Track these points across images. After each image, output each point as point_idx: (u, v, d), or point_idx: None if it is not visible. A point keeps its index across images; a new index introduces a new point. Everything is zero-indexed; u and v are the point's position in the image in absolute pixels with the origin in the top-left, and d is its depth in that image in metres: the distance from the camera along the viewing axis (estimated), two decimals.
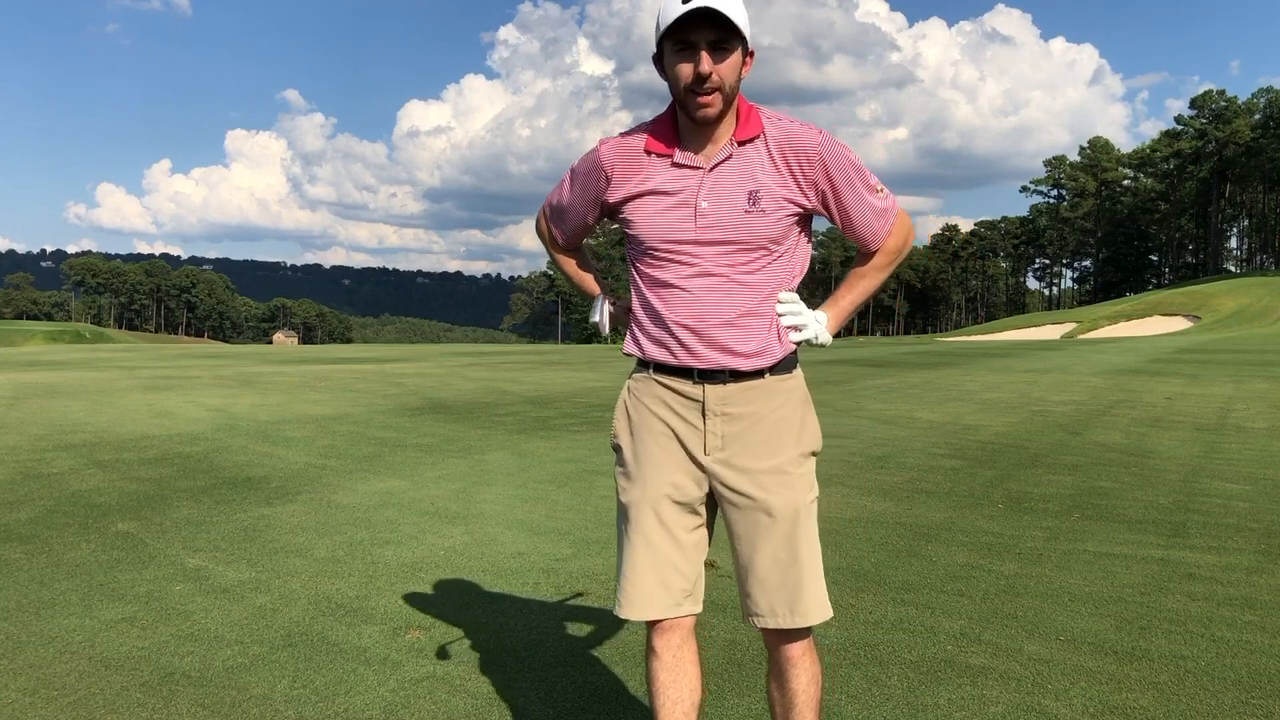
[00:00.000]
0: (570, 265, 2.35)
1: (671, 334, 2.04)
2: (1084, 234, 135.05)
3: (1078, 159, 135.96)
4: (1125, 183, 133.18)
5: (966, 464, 7.27)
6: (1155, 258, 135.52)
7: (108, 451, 7.59)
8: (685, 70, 1.91)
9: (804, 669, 2.10)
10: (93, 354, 32.35)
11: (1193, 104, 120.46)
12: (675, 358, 2.05)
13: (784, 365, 2.07)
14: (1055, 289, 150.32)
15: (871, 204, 2.10)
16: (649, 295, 2.08)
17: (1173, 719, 2.81)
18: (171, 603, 3.80)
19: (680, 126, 2.03)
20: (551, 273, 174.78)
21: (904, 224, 2.16)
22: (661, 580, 2.06)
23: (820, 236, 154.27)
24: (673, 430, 2.08)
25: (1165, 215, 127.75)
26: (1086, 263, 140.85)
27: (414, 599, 3.89)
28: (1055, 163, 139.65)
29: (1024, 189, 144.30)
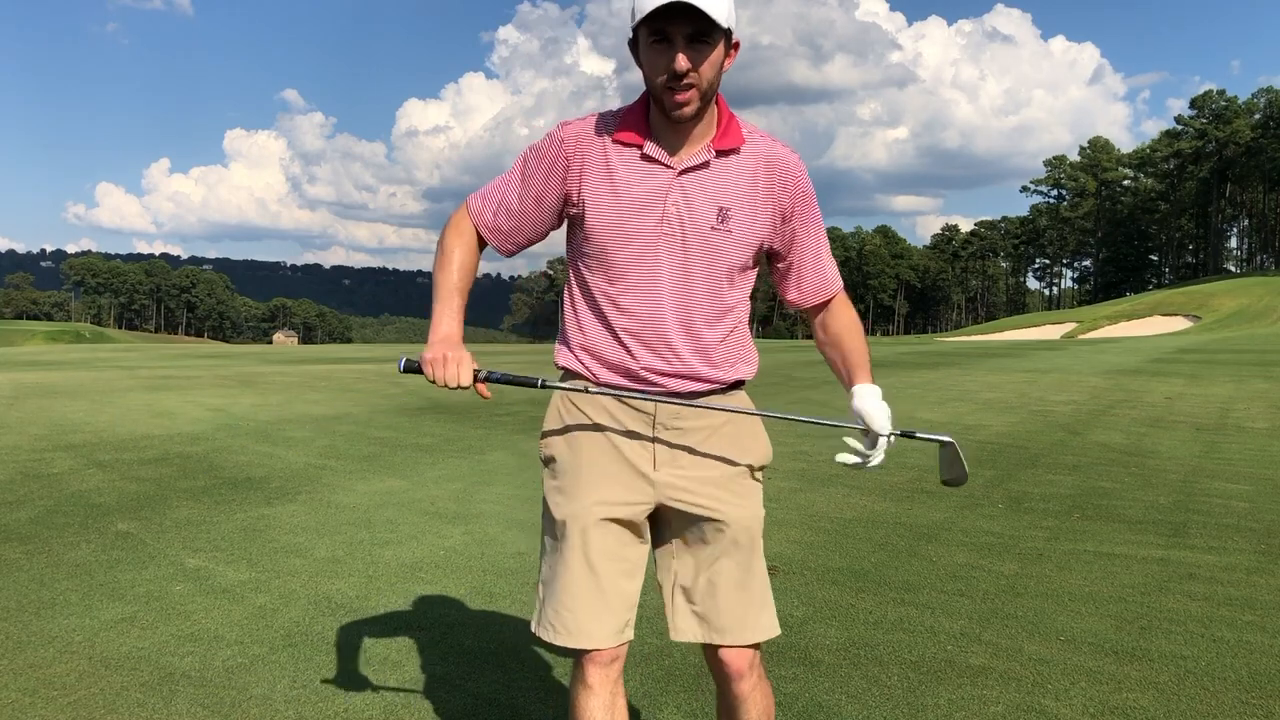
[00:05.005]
0: (467, 275, 1.96)
1: (623, 345, 1.88)
2: (1084, 234, 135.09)
3: (1078, 159, 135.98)
4: (1125, 183, 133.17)
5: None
6: (1155, 258, 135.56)
7: (108, 451, 7.59)
8: (660, 65, 1.73)
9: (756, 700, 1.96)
10: (92, 354, 32.33)
11: (1193, 104, 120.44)
12: (628, 373, 1.88)
13: (734, 382, 1.96)
14: (1055, 289, 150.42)
15: (826, 247, 2.00)
16: (599, 302, 1.89)
17: (1173, 719, 2.81)
18: (171, 603, 3.80)
19: (652, 120, 1.84)
20: (552, 273, 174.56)
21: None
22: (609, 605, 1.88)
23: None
24: (614, 443, 1.90)
25: (1165, 215, 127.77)
26: (1086, 263, 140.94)
27: (414, 599, 3.89)
28: (1055, 163, 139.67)
29: (1024, 189, 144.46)
